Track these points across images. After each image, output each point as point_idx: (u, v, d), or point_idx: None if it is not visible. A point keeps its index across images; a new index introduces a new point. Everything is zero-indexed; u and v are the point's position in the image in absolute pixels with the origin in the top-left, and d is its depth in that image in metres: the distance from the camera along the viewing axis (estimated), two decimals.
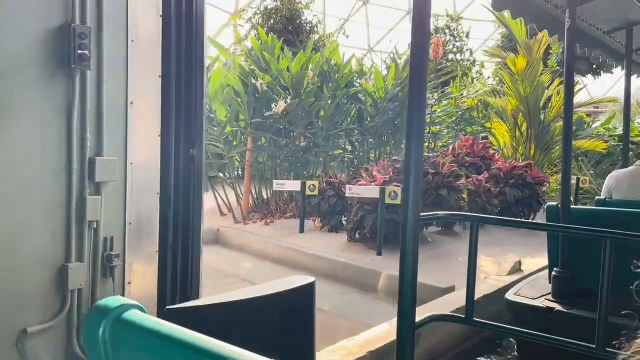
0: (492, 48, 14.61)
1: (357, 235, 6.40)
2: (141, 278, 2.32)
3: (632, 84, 5.47)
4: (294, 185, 7.54)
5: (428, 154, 8.28)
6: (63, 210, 2.05)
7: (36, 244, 1.99)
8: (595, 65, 16.74)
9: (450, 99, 10.90)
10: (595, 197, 4.45)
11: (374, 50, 19.75)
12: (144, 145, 2.30)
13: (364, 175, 6.81)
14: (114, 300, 0.84)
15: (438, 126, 10.49)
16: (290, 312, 1.58)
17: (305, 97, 8.20)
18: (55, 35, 1.99)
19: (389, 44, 15.53)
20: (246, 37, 12.24)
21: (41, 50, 1.96)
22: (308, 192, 7.03)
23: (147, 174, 2.33)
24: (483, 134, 10.77)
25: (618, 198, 4.07)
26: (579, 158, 10.44)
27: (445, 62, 12.52)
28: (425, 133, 6.72)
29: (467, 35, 17.31)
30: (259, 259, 6.33)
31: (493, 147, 9.78)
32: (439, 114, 10.67)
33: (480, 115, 11.54)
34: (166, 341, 0.76)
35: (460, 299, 3.39)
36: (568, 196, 3.63)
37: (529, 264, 5.08)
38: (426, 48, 2.04)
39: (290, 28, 13.08)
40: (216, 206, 8.28)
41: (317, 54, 9.02)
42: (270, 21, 13.08)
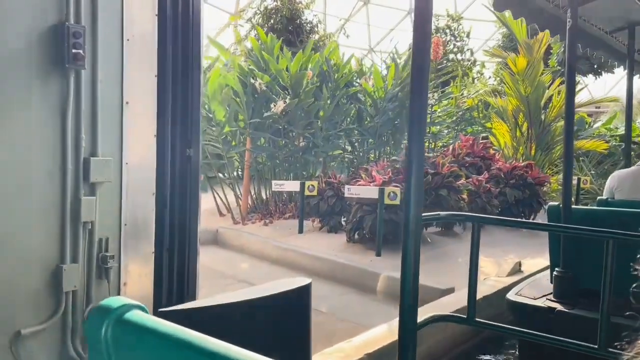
0: (493, 48, 14.60)
1: (357, 235, 6.37)
2: (137, 279, 2.30)
3: (634, 83, 5.45)
4: (293, 185, 7.51)
5: (428, 154, 8.23)
6: (57, 211, 2.03)
7: (30, 245, 1.97)
8: (596, 65, 16.71)
9: (451, 99, 10.87)
10: (597, 198, 4.43)
11: (374, 51, 19.74)
12: (139, 146, 2.28)
13: (363, 175, 6.78)
14: (116, 301, 0.85)
15: (438, 126, 10.46)
16: (286, 314, 1.56)
17: (305, 97, 8.17)
18: (49, 34, 1.97)
19: (390, 44, 15.45)
20: (246, 38, 12.21)
21: (35, 49, 1.94)
22: (307, 193, 6.99)
23: (143, 174, 2.31)
24: (483, 134, 10.72)
25: (620, 198, 4.06)
26: (580, 158, 10.40)
27: (445, 62, 12.49)
28: (426, 133, 6.71)
29: (468, 35, 17.32)
30: (257, 259, 6.30)
31: (493, 147, 9.75)
32: (440, 114, 10.65)
33: (481, 115, 11.50)
34: (168, 341, 0.76)
35: (460, 300, 3.37)
36: (569, 196, 3.61)
37: (529, 264, 5.06)
38: (428, 48, 2.03)
39: (290, 28, 13.07)
40: (215, 207, 8.26)
41: (317, 54, 8.98)
42: (271, 21, 13.06)
